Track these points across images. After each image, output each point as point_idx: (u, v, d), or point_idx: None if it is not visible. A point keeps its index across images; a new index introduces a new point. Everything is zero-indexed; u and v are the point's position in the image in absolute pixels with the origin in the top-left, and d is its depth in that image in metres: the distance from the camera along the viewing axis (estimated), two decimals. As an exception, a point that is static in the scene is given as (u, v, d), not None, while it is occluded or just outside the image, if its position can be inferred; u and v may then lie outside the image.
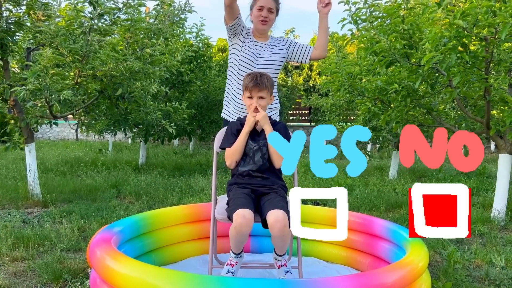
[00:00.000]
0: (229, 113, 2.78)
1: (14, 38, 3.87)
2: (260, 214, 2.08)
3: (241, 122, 2.26)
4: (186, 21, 4.72)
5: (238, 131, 2.21)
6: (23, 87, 3.39)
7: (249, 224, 1.94)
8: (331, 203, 4.48)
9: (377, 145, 7.69)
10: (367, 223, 2.59)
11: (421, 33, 3.65)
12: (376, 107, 4.45)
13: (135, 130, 6.92)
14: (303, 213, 1.49)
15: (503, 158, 3.95)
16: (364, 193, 4.90)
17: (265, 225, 2.01)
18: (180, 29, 5.96)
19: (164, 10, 4.38)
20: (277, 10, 2.77)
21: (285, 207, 2.01)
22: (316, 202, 4.48)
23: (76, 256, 2.77)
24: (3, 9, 4.00)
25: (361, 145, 6.67)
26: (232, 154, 2.18)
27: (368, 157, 7.10)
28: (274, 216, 1.93)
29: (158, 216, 2.58)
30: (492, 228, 3.66)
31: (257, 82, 2.15)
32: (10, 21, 3.82)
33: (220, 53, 12.48)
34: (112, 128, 6.62)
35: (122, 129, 6.70)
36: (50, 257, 2.70)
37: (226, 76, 2.96)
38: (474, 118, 4.08)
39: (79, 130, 6.26)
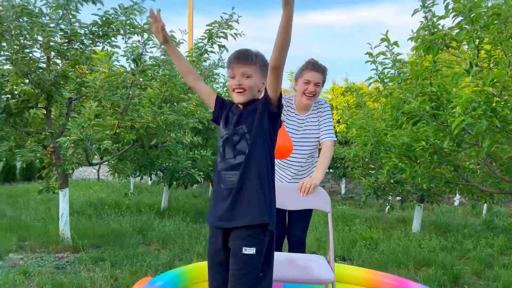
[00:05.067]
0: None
1: (60, 90, 4.11)
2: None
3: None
4: (218, 76, 4.98)
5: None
6: (67, 137, 3.58)
7: None
8: (357, 258, 4.46)
9: (398, 197, 7.64)
10: (402, 286, 2.59)
11: (449, 94, 3.76)
12: (402, 163, 4.50)
13: (160, 175, 7.07)
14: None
15: (533, 219, 3.92)
16: (389, 248, 4.86)
17: None
18: (214, 83, 6.22)
19: (199, 66, 4.63)
20: (324, 81, 2.74)
21: None
22: (343, 258, 4.46)
23: (111, 307, 2.81)
24: (50, 62, 4.29)
25: (383, 197, 6.66)
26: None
27: (390, 208, 7.06)
28: None
29: (198, 270, 2.62)
30: (525, 291, 3.59)
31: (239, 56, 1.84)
32: (57, 75, 4.08)
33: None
34: (138, 172, 6.78)
35: (148, 173, 6.85)
36: (87, 307, 2.75)
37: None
38: (502, 177, 4.09)
39: (110, 175, 6.44)
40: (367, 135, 4.57)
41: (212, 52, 4.57)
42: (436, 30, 3.52)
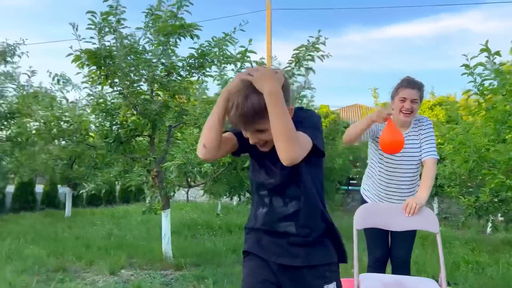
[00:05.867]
0: (367, 191, 2.86)
1: (163, 119, 4.49)
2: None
3: None
4: (305, 96, 5.08)
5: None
6: (172, 162, 3.87)
7: None
8: (463, 282, 4.17)
9: (500, 217, 6.97)
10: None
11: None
12: (510, 179, 4.16)
13: (248, 195, 7.28)
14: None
15: None
16: (498, 273, 4.48)
17: None
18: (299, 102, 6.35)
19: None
20: (421, 98, 2.68)
21: None
22: (447, 283, 4.20)
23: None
24: (153, 94, 4.71)
25: (487, 217, 6.15)
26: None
27: (495, 229, 6.50)
28: None
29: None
30: None
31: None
32: (160, 105, 4.46)
33: (323, 119, 12.81)
34: (228, 193, 7.05)
35: (238, 194, 7.10)
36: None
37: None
38: None
39: (205, 196, 6.81)
40: (467, 151, 4.31)
41: (299, 75, 4.68)
42: (545, 36, 3.27)
